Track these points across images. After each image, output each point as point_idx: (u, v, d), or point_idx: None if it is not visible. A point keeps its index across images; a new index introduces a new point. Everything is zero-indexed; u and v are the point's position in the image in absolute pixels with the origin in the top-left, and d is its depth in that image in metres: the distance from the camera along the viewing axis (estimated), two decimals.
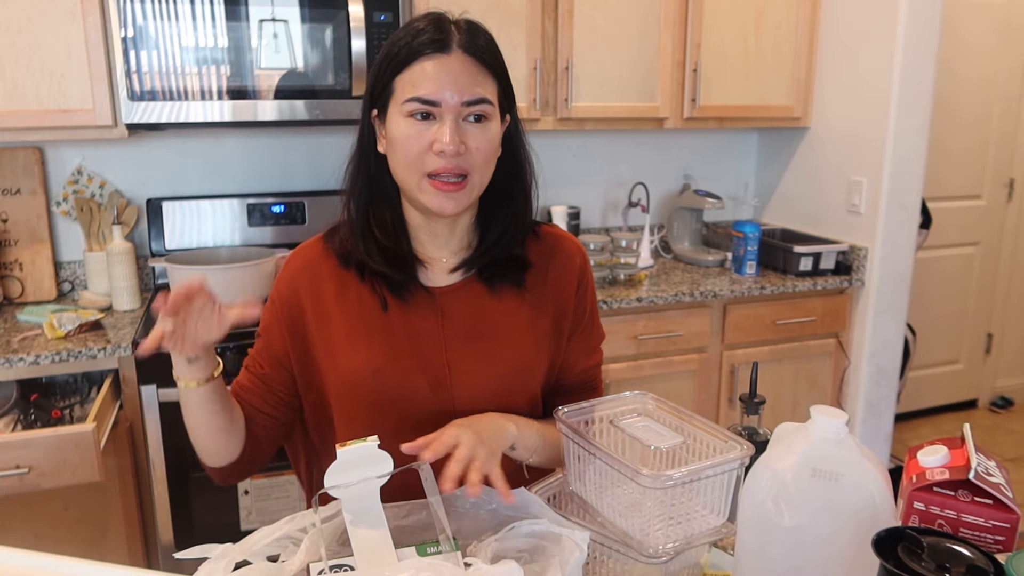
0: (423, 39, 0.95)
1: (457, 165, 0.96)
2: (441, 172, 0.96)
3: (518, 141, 1.07)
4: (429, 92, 0.94)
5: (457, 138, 0.94)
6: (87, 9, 1.90)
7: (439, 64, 0.95)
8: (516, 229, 1.07)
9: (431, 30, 0.96)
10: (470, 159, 0.97)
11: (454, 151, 0.94)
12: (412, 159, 0.96)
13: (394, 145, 0.98)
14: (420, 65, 0.95)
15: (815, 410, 0.73)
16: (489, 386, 1.04)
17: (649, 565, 0.81)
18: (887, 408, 2.69)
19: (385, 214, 1.05)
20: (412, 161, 0.96)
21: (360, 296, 1.05)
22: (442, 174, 0.96)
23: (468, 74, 0.96)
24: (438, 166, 0.95)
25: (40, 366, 1.81)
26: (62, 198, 2.28)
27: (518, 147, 1.07)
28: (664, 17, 2.44)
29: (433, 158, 0.95)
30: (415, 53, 0.95)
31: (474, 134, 0.97)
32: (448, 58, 0.95)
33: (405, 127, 0.96)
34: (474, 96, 0.96)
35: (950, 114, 3.23)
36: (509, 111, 1.04)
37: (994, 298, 3.66)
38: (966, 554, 0.64)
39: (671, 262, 2.79)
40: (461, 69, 0.95)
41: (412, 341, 1.04)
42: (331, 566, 0.79)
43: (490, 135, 0.98)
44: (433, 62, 0.95)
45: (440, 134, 0.94)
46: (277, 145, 2.47)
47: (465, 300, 1.06)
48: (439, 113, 0.95)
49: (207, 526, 1.95)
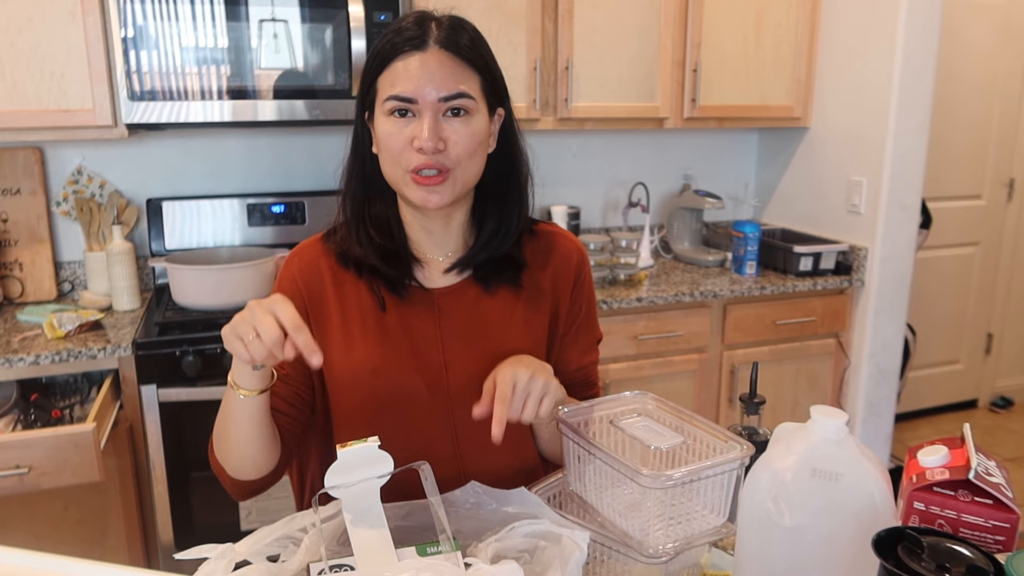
0: (403, 37, 0.96)
1: (437, 161, 0.96)
2: (422, 168, 0.96)
3: (512, 137, 1.07)
4: (406, 90, 0.95)
5: (435, 134, 0.95)
6: (87, 9, 1.90)
7: (416, 61, 0.95)
8: (511, 226, 1.07)
9: (411, 28, 0.97)
10: (450, 154, 0.97)
11: (432, 147, 0.94)
12: (395, 156, 0.97)
13: (380, 144, 0.99)
14: (398, 64, 0.96)
15: (815, 410, 0.73)
16: None
17: (649, 565, 0.81)
18: (887, 408, 2.69)
19: (380, 212, 1.06)
20: (396, 158, 0.97)
21: (358, 296, 1.05)
22: (423, 169, 0.96)
23: (445, 69, 0.96)
24: (419, 162, 0.96)
25: (40, 366, 1.81)
26: (62, 198, 2.28)
27: (512, 143, 1.07)
28: (664, 17, 2.44)
29: (414, 155, 0.96)
30: (394, 52, 0.96)
31: (454, 128, 0.97)
32: (425, 55, 0.96)
33: (387, 125, 0.97)
34: (451, 91, 0.96)
35: (950, 114, 3.23)
36: (501, 105, 1.04)
37: (994, 298, 3.66)
38: (966, 554, 0.64)
39: (671, 262, 2.79)
40: (437, 65, 0.95)
41: (410, 341, 1.04)
42: (331, 566, 0.79)
43: (472, 129, 0.98)
44: (409, 60, 0.95)
45: (418, 131, 0.95)
46: (277, 145, 2.47)
47: (462, 300, 1.07)
48: (417, 110, 0.96)
49: (207, 526, 1.95)
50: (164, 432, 1.88)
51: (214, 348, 1.89)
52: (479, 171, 1.02)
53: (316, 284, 1.06)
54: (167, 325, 1.93)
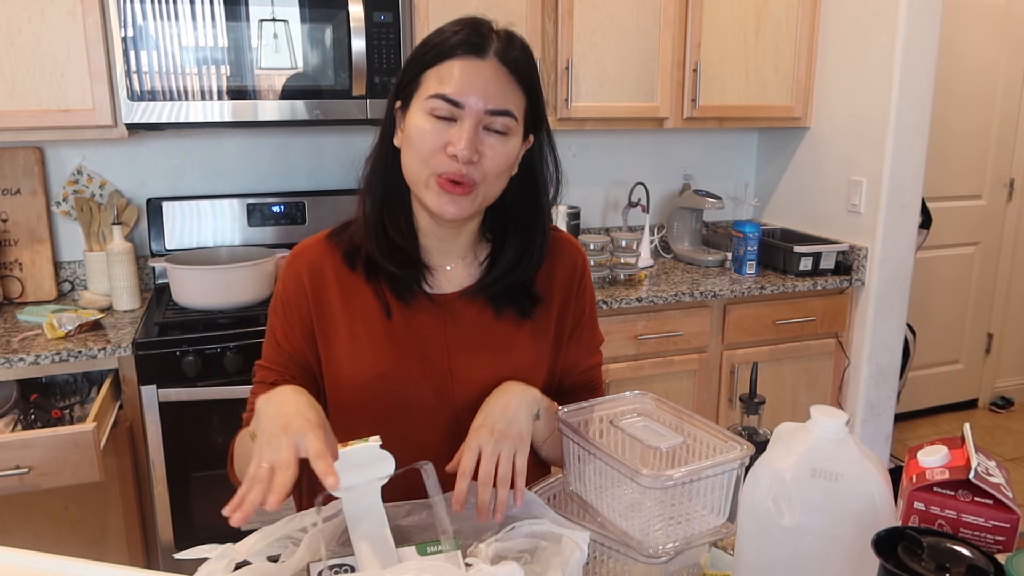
0: (459, 38, 0.94)
1: (467, 173, 0.93)
2: (451, 176, 0.93)
3: (541, 163, 1.04)
4: (455, 92, 0.92)
5: (473, 145, 0.92)
6: (87, 9, 1.90)
7: (471, 67, 0.93)
8: (533, 257, 1.05)
9: (468, 31, 0.94)
10: (481, 169, 0.94)
11: (467, 157, 0.92)
12: (425, 156, 0.94)
13: (410, 139, 0.95)
14: (451, 64, 0.93)
15: (815, 410, 0.73)
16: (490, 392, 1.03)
17: (649, 565, 0.81)
18: (887, 408, 2.69)
19: (399, 217, 1.03)
20: (424, 157, 0.94)
21: (365, 300, 1.03)
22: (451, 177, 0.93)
23: (498, 83, 0.94)
24: (449, 169, 0.93)
25: (40, 366, 1.81)
26: (62, 198, 2.28)
27: (540, 170, 1.04)
28: (664, 17, 2.44)
29: (445, 159, 0.93)
30: (449, 51, 0.94)
31: (491, 145, 0.94)
32: (482, 63, 0.93)
33: (424, 122, 0.94)
34: (500, 107, 0.93)
35: (950, 114, 3.23)
36: (534, 132, 1.02)
37: (994, 298, 3.66)
38: (966, 554, 0.64)
39: (671, 262, 2.79)
40: (492, 76, 0.93)
41: (416, 347, 1.03)
42: (331, 566, 0.78)
43: (507, 149, 0.96)
44: (465, 63, 0.93)
45: (457, 137, 0.92)
46: (277, 145, 2.47)
47: (469, 309, 1.05)
48: (460, 116, 0.93)
49: (207, 526, 1.95)
50: (164, 432, 1.88)
51: (214, 348, 1.89)
52: (500, 192, 1.00)
53: (321, 285, 1.04)
54: (167, 325, 1.93)
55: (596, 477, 0.88)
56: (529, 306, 1.06)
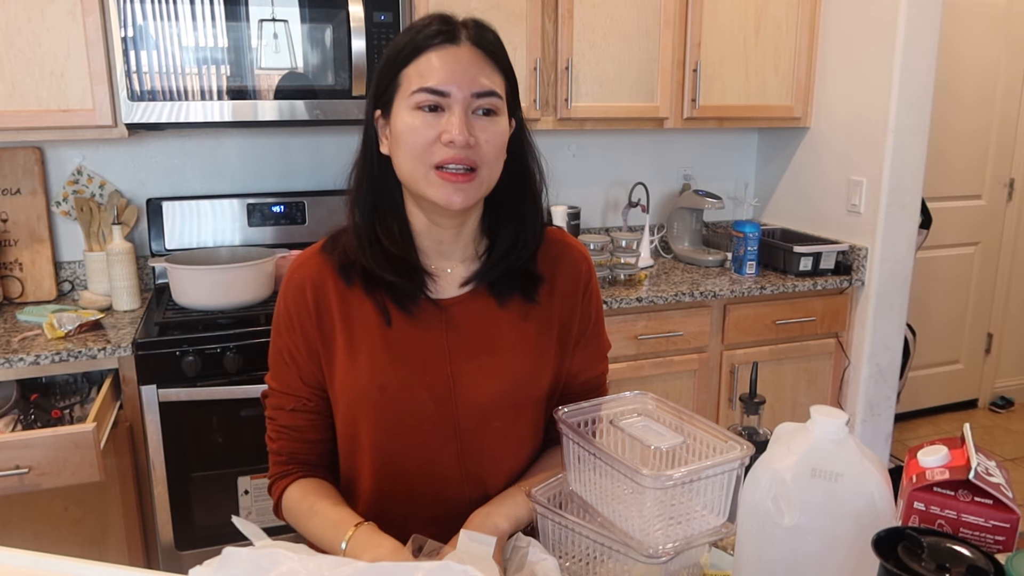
0: (431, 30, 0.94)
1: (467, 156, 0.93)
2: (450, 162, 0.93)
3: (524, 146, 1.04)
4: (438, 82, 0.92)
5: (467, 129, 0.92)
6: (87, 9, 1.90)
7: (448, 54, 0.93)
8: (528, 239, 1.04)
9: (438, 23, 0.95)
10: (479, 152, 0.94)
11: (464, 142, 0.91)
12: (420, 151, 0.93)
13: (400, 139, 0.95)
14: (428, 56, 0.93)
15: (815, 410, 0.73)
16: (493, 399, 1.02)
17: (649, 565, 0.81)
18: (887, 408, 2.69)
19: (392, 223, 1.01)
20: (419, 153, 0.93)
21: (363, 310, 1.02)
22: (450, 164, 0.93)
23: (477, 66, 0.94)
24: (447, 156, 0.92)
25: (40, 366, 1.81)
26: (62, 198, 2.28)
27: (524, 152, 1.04)
28: (664, 17, 2.44)
29: (441, 149, 0.93)
30: (422, 45, 0.94)
31: (483, 127, 0.94)
32: (458, 49, 0.94)
33: (412, 119, 0.93)
34: (484, 88, 0.94)
35: (950, 114, 3.23)
36: (514, 115, 1.02)
37: (994, 298, 3.66)
38: (966, 554, 0.64)
39: (671, 262, 2.79)
40: (471, 60, 0.94)
41: (416, 355, 1.01)
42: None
43: (499, 128, 0.96)
44: (442, 53, 0.93)
45: (449, 125, 0.92)
46: (277, 145, 2.47)
47: (473, 312, 1.04)
48: (447, 104, 0.93)
49: (207, 526, 1.95)
50: (164, 432, 1.88)
51: (214, 348, 1.89)
52: (498, 174, 0.99)
53: (323, 299, 1.02)
54: (167, 325, 1.93)
55: (596, 477, 0.88)
56: (531, 288, 1.05)
